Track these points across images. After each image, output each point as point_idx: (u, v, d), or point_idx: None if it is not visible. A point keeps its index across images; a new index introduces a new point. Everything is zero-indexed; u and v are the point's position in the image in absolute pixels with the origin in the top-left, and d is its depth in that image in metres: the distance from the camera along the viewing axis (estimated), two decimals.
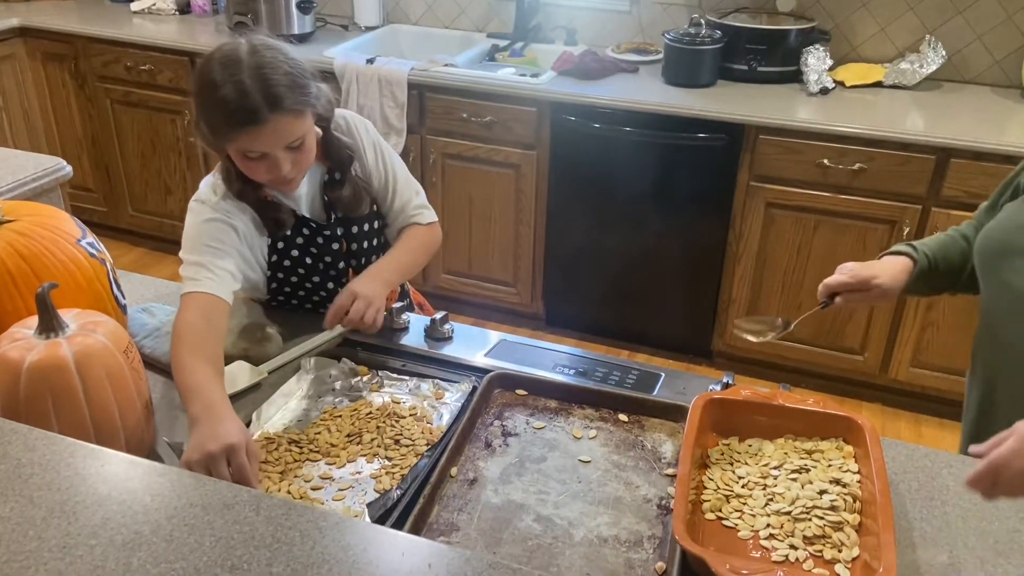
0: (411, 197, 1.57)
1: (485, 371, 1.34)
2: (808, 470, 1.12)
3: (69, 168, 1.85)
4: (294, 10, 3.03)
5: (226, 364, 1.32)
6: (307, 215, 1.46)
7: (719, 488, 1.11)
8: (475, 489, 1.13)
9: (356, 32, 3.27)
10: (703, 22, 2.74)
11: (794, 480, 1.10)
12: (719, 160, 2.60)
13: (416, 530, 1.05)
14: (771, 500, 1.08)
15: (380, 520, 1.05)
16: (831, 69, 2.74)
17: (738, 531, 1.05)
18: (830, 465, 1.12)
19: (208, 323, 1.24)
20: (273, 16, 3.01)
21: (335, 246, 1.49)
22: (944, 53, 2.70)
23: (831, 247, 2.59)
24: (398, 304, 1.50)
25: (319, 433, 1.21)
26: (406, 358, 1.41)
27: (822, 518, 1.04)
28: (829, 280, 1.33)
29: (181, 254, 1.35)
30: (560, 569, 1.00)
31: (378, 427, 1.22)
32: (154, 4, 3.38)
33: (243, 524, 0.80)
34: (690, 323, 2.89)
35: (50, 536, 0.78)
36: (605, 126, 2.66)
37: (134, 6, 3.41)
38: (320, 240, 1.47)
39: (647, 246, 2.80)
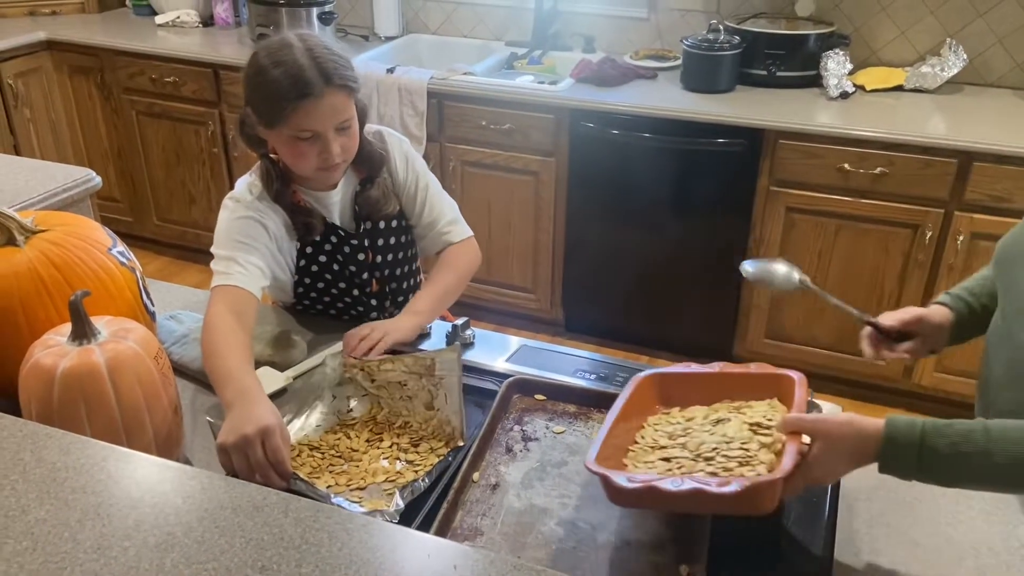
0: (443, 212, 1.57)
1: (506, 376, 1.35)
2: (728, 420, 1.13)
3: (98, 179, 1.89)
4: (315, 21, 3.07)
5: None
6: (337, 223, 1.48)
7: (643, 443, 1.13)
8: (497, 494, 1.14)
9: (376, 42, 3.30)
10: (721, 28, 2.75)
11: (709, 430, 1.11)
12: (739, 165, 2.60)
13: (440, 535, 1.06)
14: (684, 447, 1.09)
15: (406, 519, 1.06)
16: (851, 73, 2.73)
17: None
18: (753, 416, 1.13)
19: (238, 316, 1.27)
20: (295, 27, 3.04)
21: (361, 256, 1.51)
22: (965, 56, 2.68)
23: (853, 252, 2.58)
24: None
25: (338, 439, 1.22)
26: None
27: (727, 456, 1.04)
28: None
29: (213, 249, 1.39)
30: (584, 572, 1.00)
31: (396, 433, 1.24)
32: (178, 17, 3.44)
33: (272, 526, 0.81)
34: (710, 328, 2.89)
35: (85, 538, 0.80)
36: (624, 132, 2.67)
37: (158, 19, 3.47)
38: (347, 249, 1.49)
39: (667, 251, 2.80)
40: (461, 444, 1.21)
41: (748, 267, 1.37)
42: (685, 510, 1.04)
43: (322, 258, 1.49)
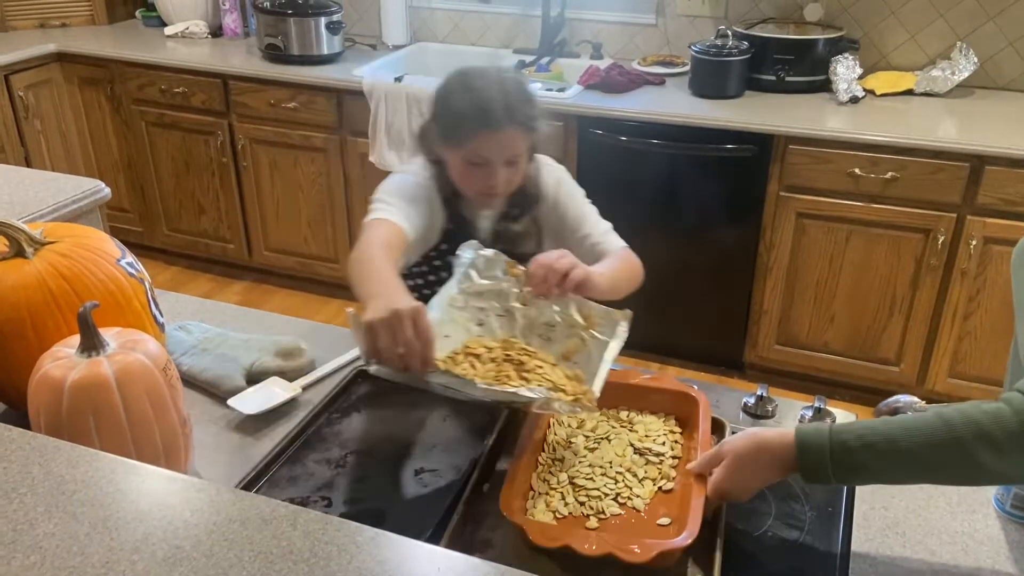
0: (596, 224, 1.54)
1: None
2: (610, 439, 1.21)
3: (108, 190, 1.89)
4: (323, 31, 3.07)
5: (262, 380, 1.34)
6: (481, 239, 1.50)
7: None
8: None
9: (384, 51, 3.31)
10: (730, 33, 2.74)
11: (592, 447, 1.20)
12: (748, 171, 2.58)
13: (451, 547, 1.05)
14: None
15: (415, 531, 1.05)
16: (861, 78, 2.71)
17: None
18: (645, 434, 1.22)
19: (387, 244, 1.28)
20: (303, 37, 3.06)
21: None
22: (976, 60, 2.66)
23: (864, 257, 2.56)
24: None
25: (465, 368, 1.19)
26: None
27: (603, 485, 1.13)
28: None
29: (375, 196, 1.41)
30: None
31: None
32: (187, 28, 3.46)
33: (281, 539, 0.81)
34: (721, 335, 2.87)
35: (93, 552, 0.80)
36: (632, 139, 2.66)
37: (168, 30, 3.48)
38: None
39: (677, 258, 2.79)
40: (588, 406, 1.14)
41: None
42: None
43: (439, 263, 1.52)
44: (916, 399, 1.31)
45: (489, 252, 1.32)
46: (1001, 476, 0.97)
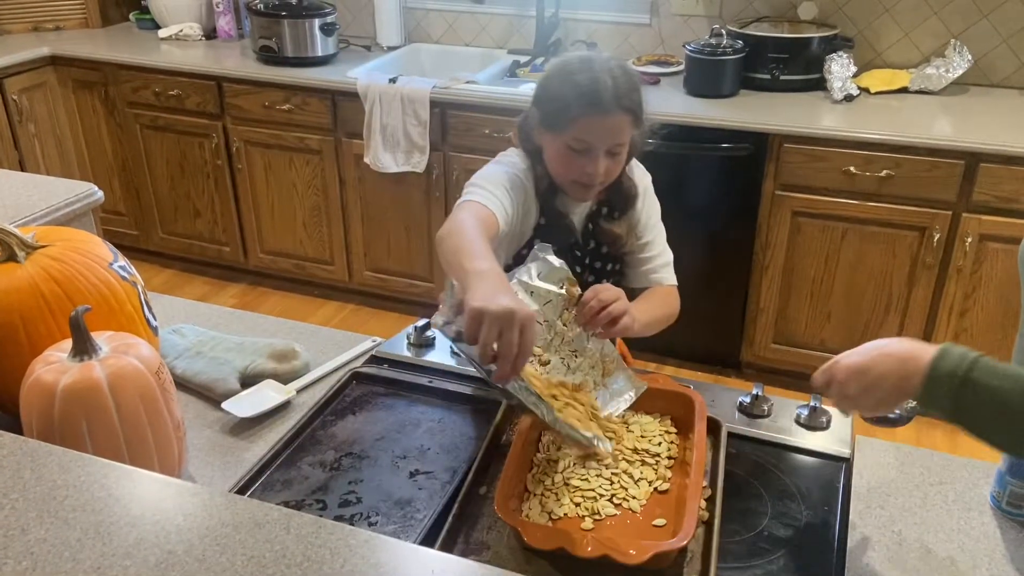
0: (662, 253, 1.56)
1: None
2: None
3: (100, 193, 1.88)
4: (317, 32, 3.07)
5: (256, 382, 1.33)
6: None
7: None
8: None
9: (379, 52, 3.30)
10: (724, 32, 2.74)
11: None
12: (743, 170, 2.58)
13: (447, 549, 1.05)
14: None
15: (408, 534, 1.05)
16: (855, 76, 2.71)
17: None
18: (642, 434, 1.23)
19: (483, 222, 1.24)
20: (297, 38, 3.05)
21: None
22: (970, 57, 2.67)
23: (860, 255, 2.56)
24: None
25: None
26: (432, 374, 1.41)
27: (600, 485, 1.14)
28: None
29: (470, 183, 1.38)
30: None
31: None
32: (181, 31, 3.45)
33: (274, 543, 0.80)
34: (717, 334, 2.87)
35: (85, 557, 0.79)
36: None
37: (161, 33, 3.48)
38: (567, 258, 1.48)
39: (674, 257, 2.78)
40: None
41: None
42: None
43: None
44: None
45: (557, 262, 1.27)
46: None
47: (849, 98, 2.64)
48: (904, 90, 2.71)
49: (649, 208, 1.56)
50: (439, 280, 3.16)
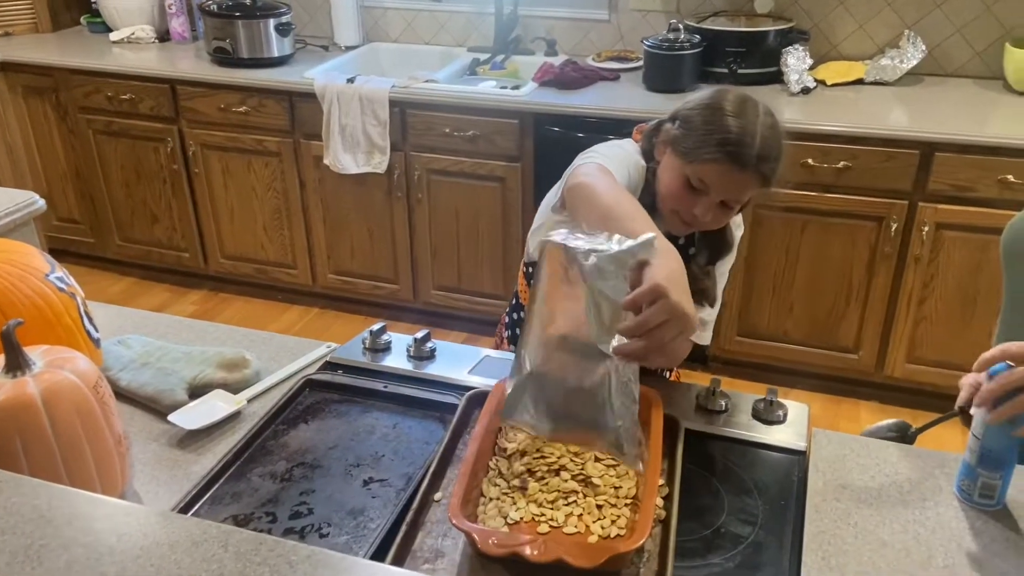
0: (701, 309, 1.46)
1: (468, 389, 1.32)
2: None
3: (42, 202, 1.83)
4: (272, 33, 3.02)
5: (204, 393, 1.30)
6: None
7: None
8: None
9: (336, 52, 3.26)
10: (681, 27, 2.74)
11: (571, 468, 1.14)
12: None
13: (400, 559, 1.03)
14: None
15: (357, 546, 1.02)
16: (811, 68, 2.73)
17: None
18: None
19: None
20: (252, 39, 3.01)
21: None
22: (924, 47, 2.69)
23: (820, 247, 2.57)
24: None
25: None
26: (388, 379, 1.39)
27: (569, 479, 1.11)
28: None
29: (586, 152, 1.33)
30: None
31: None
32: (133, 33, 3.38)
33: (211, 561, 0.78)
34: None
35: None
36: (589, 135, 2.64)
37: (113, 36, 3.40)
38: None
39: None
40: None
41: None
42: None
43: None
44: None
45: (631, 246, 1.01)
46: None
47: (806, 91, 2.65)
48: (860, 82, 2.74)
49: (728, 258, 1.50)
50: (404, 282, 3.13)
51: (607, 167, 1.24)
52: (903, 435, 1.27)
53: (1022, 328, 1.25)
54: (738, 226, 1.50)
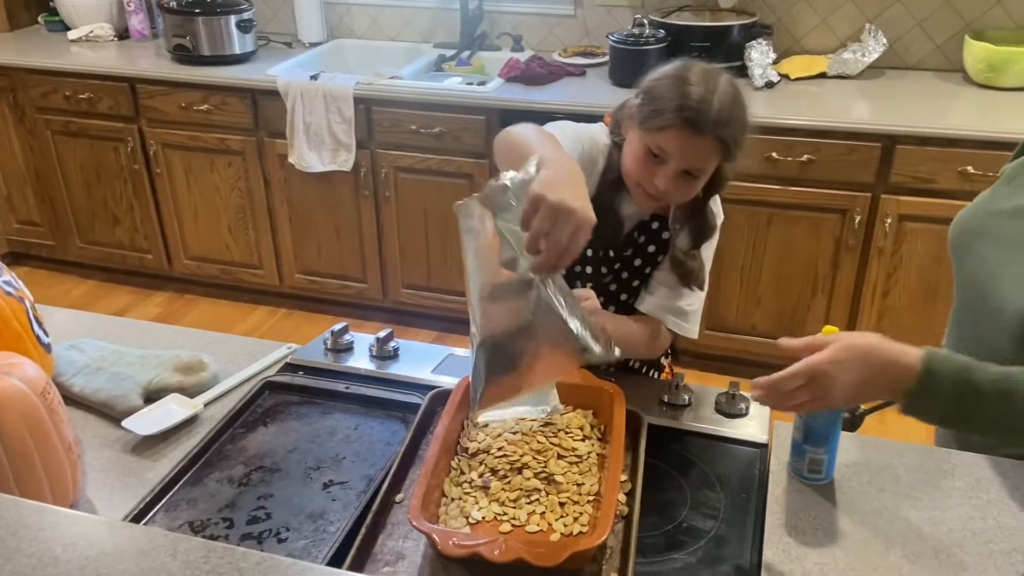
0: (684, 296, 1.44)
1: (431, 388, 1.30)
2: (532, 433, 1.16)
3: None
4: (234, 29, 2.98)
5: (160, 397, 1.28)
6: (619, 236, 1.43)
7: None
8: None
9: (300, 49, 3.22)
10: (646, 22, 2.74)
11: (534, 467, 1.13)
12: None
13: (359, 562, 1.01)
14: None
15: (316, 550, 1.01)
16: (775, 63, 2.74)
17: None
18: (564, 426, 1.18)
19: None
20: (212, 37, 2.96)
21: (591, 269, 1.45)
22: (885, 41, 2.72)
23: (786, 240, 2.59)
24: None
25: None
26: (350, 379, 1.37)
27: (531, 477, 1.10)
28: None
29: (549, 125, 1.32)
30: None
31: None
32: (91, 32, 3.31)
33: (159, 571, 0.76)
34: None
35: None
36: None
37: (71, 35, 3.33)
38: (598, 255, 1.43)
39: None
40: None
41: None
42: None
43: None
44: None
45: (520, 174, 1.01)
46: None
47: (770, 85, 2.67)
48: (823, 75, 2.76)
49: (709, 257, 1.48)
50: (372, 281, 3.10)
51: (550, 132, 1.21)
52: (852, 414, 1.28)
53: (970, 321, 1.26)
54: (717, 213, 1.48)
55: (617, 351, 1.05)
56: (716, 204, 1.47)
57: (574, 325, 1.01)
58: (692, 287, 1.45)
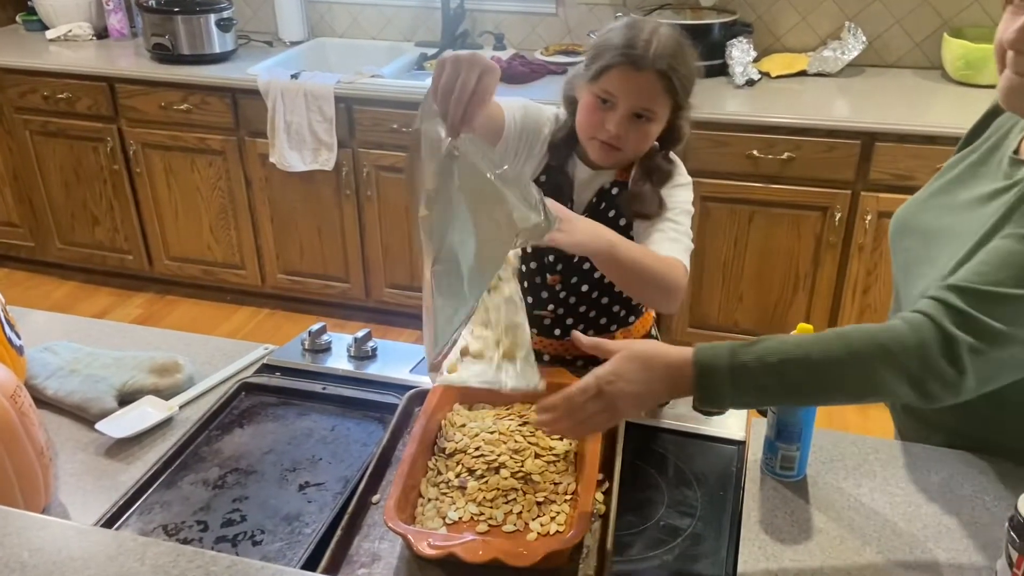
0: (662, 246, 1.32)
1: (408, 388, 1.30)
2: (509, 432, 1.16)
3: None
4: (214, 28, 2.96)
5: (135, 399, 1.27)
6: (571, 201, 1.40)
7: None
8: None
9: (281, 48, 3.21)
10: None
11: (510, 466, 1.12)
12: None
13: (335, 564, 1.01)
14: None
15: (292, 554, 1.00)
16: (756, 60, 2.75)
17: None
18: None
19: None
20: (192, 35, 2.94)
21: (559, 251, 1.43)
22: (864, 39, 2.73)
23: (767, 237, 2.60)
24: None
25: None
26: (327, 380, 1.36)
27: (508, 477, 1.09)
28: None
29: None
30: None
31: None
32: (70, 31, 3.28)
33: (128, 575, 0.75)
34: None
35: None
36: None
37: (49, 34, 3.30)
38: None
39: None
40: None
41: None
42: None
43: None
44: None
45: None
46: (895, 394, 0.96)
47: (751, 83, 2.68)
48: (803, 73, 2.77)
49: (682, 201, 1.37)
50: (355, 281, 3.09)
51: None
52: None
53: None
54: (683, 172, 1.40)
55: (557, 222, 1.05)
56: (681, 165, 1.42)
57: (509, 193, 1.00)
58: (665, 217, 1.35)
